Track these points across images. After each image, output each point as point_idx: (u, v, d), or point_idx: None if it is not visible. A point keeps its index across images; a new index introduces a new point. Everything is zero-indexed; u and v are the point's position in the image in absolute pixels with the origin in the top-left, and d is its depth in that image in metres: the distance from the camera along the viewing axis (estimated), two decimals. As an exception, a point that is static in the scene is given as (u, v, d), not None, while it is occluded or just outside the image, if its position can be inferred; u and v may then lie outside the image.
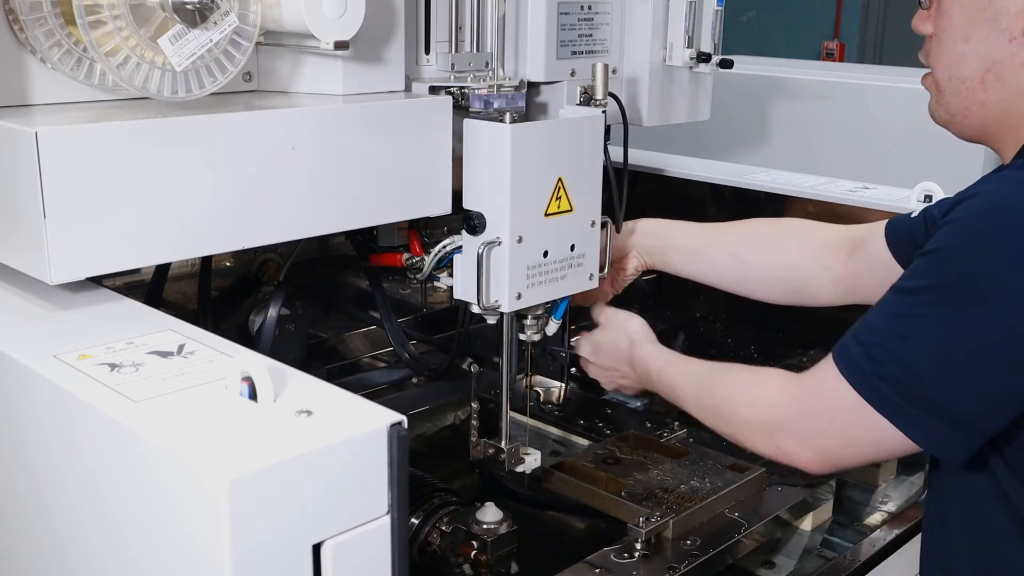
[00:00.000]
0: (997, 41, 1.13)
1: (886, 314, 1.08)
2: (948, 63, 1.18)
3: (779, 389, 1.18)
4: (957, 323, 1.03)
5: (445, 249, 1.35)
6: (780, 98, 2.58)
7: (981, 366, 1.02)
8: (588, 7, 1.50)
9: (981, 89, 1.15)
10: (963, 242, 1.04)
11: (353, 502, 0.78)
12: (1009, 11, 1.12)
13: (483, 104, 1.30)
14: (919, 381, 1.04)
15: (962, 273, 1.03)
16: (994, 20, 1.13)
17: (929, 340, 1.04)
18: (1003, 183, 1.06)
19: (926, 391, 1.04)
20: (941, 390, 1.04)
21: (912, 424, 1.05)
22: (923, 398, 1.04)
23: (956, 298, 1.03)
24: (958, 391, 1.03)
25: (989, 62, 1.14)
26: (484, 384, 1.59)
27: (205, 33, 1.05)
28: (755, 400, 1.21)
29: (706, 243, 1.58)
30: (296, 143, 1.11)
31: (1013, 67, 1.13)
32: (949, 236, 1.05)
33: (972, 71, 1.15)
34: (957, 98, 1.18)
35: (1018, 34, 1.12)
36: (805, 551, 1.54)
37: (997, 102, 1.15)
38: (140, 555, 0.82)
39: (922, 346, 1.04)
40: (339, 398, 0.85)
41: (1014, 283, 1.00)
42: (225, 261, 1.58)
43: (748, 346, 1.85)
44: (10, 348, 0.94)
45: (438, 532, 1.38)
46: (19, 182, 0.97)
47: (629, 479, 1.52)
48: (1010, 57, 1.13)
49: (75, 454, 0.87)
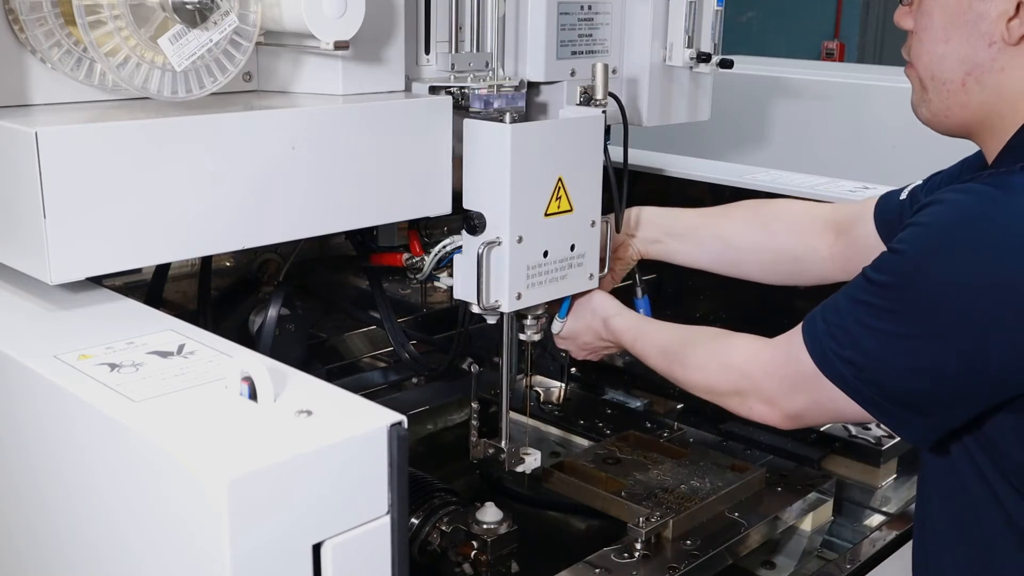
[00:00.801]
0: (977, 45, 1.12)
1: (850, 297, 1.10)
2: (929, 63, 1.17)
3: (750, 355, 1.22)
4: (906, 327, 1.05)
5: (445, 249, 1.35)
6: (780, 98, 2.58)
7: (931, 366, 1.05)
8: (588, 7, 1.50)
9: (962, 91, 1.14)
10: (918, 251, 1.05)
11: (353, 502, 0.78)
12: (990, 15, 1.10)
13: (483, 104, 1.30)
14: (874, 366, 1.07)
15: (913, 283, 1.05)
16: (974, 24, 1.11)
17: (884, 332, 1.06)
18: (967, 195, 1.05)
19: (879, 376, 1.07)
20: (894, 379, 1.07)
21: (869, 402, 1.09)
22: (877, 382, 1.07)
23: (907, 304, 1.05)
24: (910, 384, 1.06)
25: (970, 65, 1.13)
26: (484, 384, 1.59)
27: (205, 33, 1.05)
28: (726, 366, 1.24)
29: (696, 228, 1.59)
30: (296, 143, 1.11)
31: (993, 72, 1.12)
32: (910, 241, 1.06)
33: (952, 73, 1.14)
34: (939, 98, 1.17)
35: (998, 39, 1.10)
36: (805, 551, 1.54)
37: (978, 104, 1.14)
38: (140, 555, 0.82)
39: (876, 336, 1.06)
40: (339, 398, 0.85)
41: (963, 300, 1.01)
42: (225, 261, 1.58)
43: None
44: (10, 348, 0.94)
45: (438, 532, 1.38)
46: (19, 182, 0.97)
47: (629, 479, 1.52)
48: (990, 61, 1.11)
49: (75, 454, 0.87)
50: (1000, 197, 1.03)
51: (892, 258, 1.08)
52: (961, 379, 1.05)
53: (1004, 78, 1.12)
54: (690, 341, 1.32)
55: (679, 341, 1.33)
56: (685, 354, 1.30)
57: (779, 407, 1.19)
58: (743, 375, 1.22)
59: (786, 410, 1.18)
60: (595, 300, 1.45)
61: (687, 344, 1.32)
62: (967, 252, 1.02)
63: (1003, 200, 1.03)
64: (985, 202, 1.03)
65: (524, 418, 1.63)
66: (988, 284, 1.01)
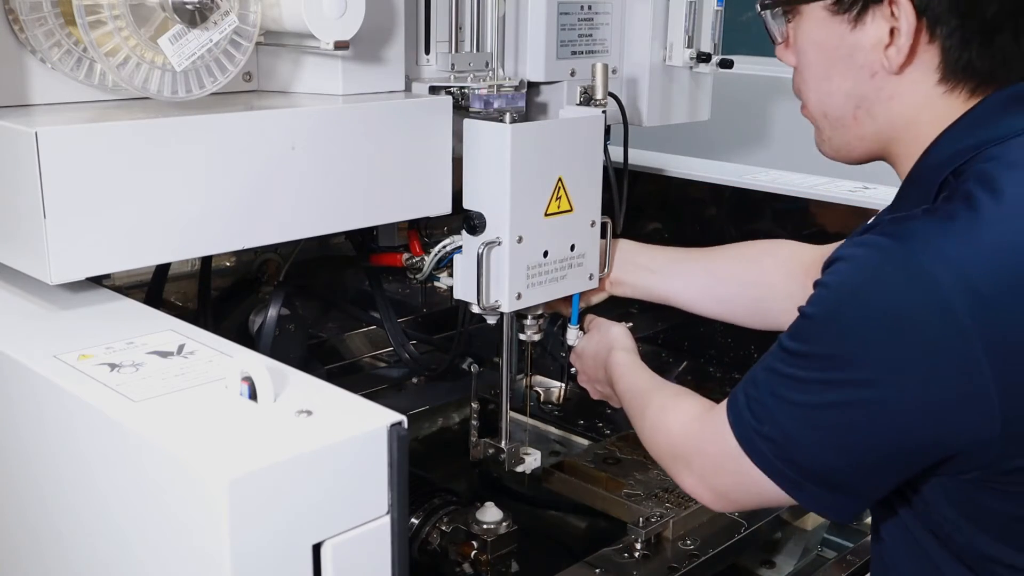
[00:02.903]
0: (859, 77, 1.06)
1: (768, 368, 1.03)
2: (817, 101, 1.12)
3: (686, 423, 1.15)
4: (824, 395, 0.98)
5: (445, 249, 1.35)
6: (780, 98, 2.58)
7: (848, 439, 0.98)
8: (588, 7, 1.50)
9: (855, 125, 1.09)
10: (828, 317, 0.99)
11: (353, 502, 0.78)
12: (863, 46, 1.05)
13: (483, 104, 1.30)
14: (792, 444, 1.00)
15: (827, 347, 0.98)
16: (850, 57, 1.06)
17: (799, 404, 0.99)
18: (867, 249, 0.98)
19: (798, 455, 1.00)
20: (814, 455, 1.00)
21: (788, 482, 1.02)
22: (794, 460, 1.00)
23: (823, 372, 0.98)
24: (828, 459, 0.99)
25: (857, 99, 1.08)
26: (484, 384, 1.59)
27: (205, 33, 1.05)
28: (667, 429, 1.18)
29: (677, 260, 1.51)
30: (296, 143, 1.11)
31: (881, 101, 1.06)
32: (819, 304, 1.00)
33: (842, 109, 1.09)
34: (837, 134, 1.12)
35: (879, 68, 1.05)
36: (805, 551, 1.54)
37: (874, 135, 1.09)
38: (140, 555, 0.82)
39: (793, 409, 1.00)
40: (339, 398, 0.85)
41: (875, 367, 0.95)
42: (225, 261, 1.58)
43: (748, 346, 1.85)
44: (10, 348, 0.94)
45: (438, 532, 1.38)
46: (19, 182, 0.97)
47: (629, 479, 1.52)
48: (876, 92, 1.06)
49: (75, 454, 0.87)
50: (899, 251, 0.95)
51: (802, 323, 1.01)
52: (877, 449, 0.98)
53: (895, 106, 1.06)
54: (649, 394, 1.26)
55: (644, 391, 1.27)
56: (642, 408, 1.25)
57: (707, 484, 1.11)
58: (676, 446, 1.16)
59: (714, 488, 1.10)
60: (613, 329, 1.41)
61: (646, 396, 1.26)
62: (870, 317, 0.95)
63: (902, 254, 0.95)
64: (883, 258, 0.96)
65: (524, 418, 1.63)
66: (893, 347, 0.94)
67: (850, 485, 1.02)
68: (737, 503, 1.13)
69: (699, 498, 1.14)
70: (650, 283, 1.50)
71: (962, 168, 1.01)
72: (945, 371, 0.93)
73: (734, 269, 1.48)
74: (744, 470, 1.04)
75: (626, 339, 1.40)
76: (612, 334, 1.41)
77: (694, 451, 1.12)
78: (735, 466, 1.05)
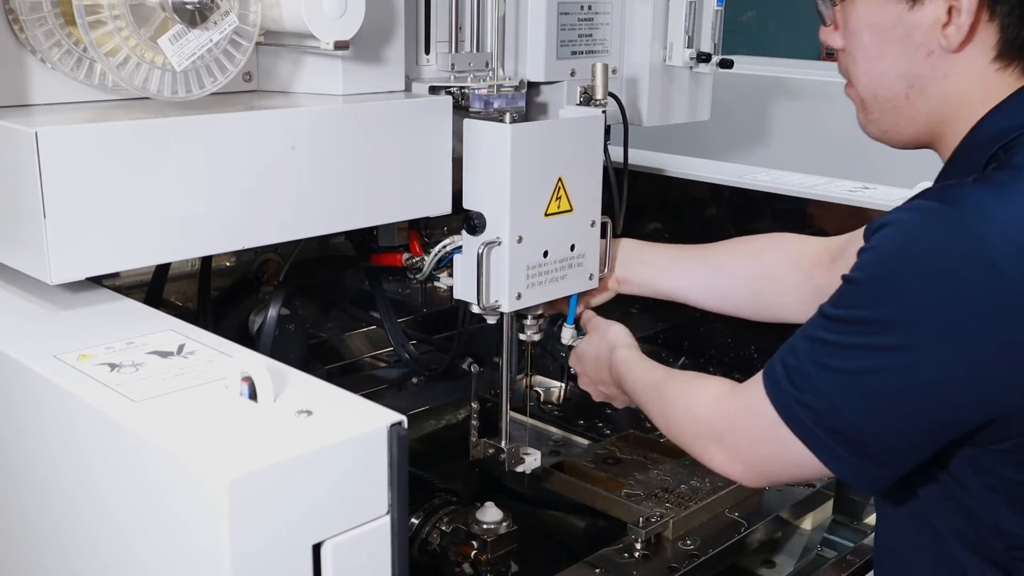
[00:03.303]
0: (915, 57, 1.07)
1: (809, 337, 1.04)
2: (868, 83, 1.12)
3: (713, 401, 1.15)
4: (869, 360, 0.99)
5: (445, 249, 1.35)
6: (780, 98, 2.58)
7: (892, 404, 0.99)
8: (588, 7, 1.50)
9: (908, 105, 1.10)
10: (876, 279, 1.00)
11: (353, 502, 0.78)
12: (922, 25, 1.06)
13: (483, 104, 1.30)
14: (832, 410, 1.01)
15: (875, 311, 0.99)
16: (907, 37, 1.07)
17: (843, 371, 1.00)
18: (913, 213, 1.00)
19: (838, 421, 1.01)
20: (853, 422, 1.00)
21: (826, 451, 1.02)
22: (836, 428, 1.01)
23: (869, 336, 0.99)
24: (869, 425, 1.00)
25: (911, 78, 1.08)
26: (484, 384, 1.59)
27: (205, 33, 1.05)
28: (693, 411, 1.18)
29: (681, 257, 1.52)
30: (296, 143, 1.11)
31: (936, 81, 1.07)
32: (866, 268, 1.01)
33: (894, 89, 1.10)
34: (886, 115, 1.13)
35: (936, 47, 1.06)
36: (805, 551, 1.54)
37: (926, 116, 1.10)
38: (140, 555, 0.82)
39: (836, 376, 1.01)
40: (339, 398, 0.85)
41: (922, 328, 0.96)
42: (225, 261, 1.58)
43: (748, 346, 1.85)
44: (10, 348, 0.94)
45: (438, 532, 1.38)
46: (19, 182, 0.97)
47: (629, 479, 1.52)
48: (931, 71, 1.07)
49: (75, 454, 0.87)
50: (948, 213, 0.98)
51: (846, 289, 1.02)
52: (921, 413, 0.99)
53: (948, 85, 1.07)
54: (666, 382, 1.26)
55: (659, 380, 1.28)
56: (660, 396, 1.25)
57: (740, 459, 1.11)
58: (705, 423, 1.15)
59: (748, 463, 1.11)
60: (613, 328, 1.41)
61: (662, 385, 1.26)
62: (917, 276, 0.97)
63: (951, 216, 0.97)
64: (932, 220, 0.98)
65: (524, 418, 1.63)
66: (940, 307, 0.96)
67: (890, 453, 1.02)
68: (771, 477, 1.13)
69: (730, 475, 1.14)
70: (654, 280, 1.50)
71: (1011, 143, 1.03)
72: (991, 329, 0.95)
73: (738, 263, 1.48)
74: (782, 441, 1.04)
75: (626, 336, 1.40)
76: (612, 333, 1.41)
77: (727, 427, 1.12)
78: (773, 436, 1.05)
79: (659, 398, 1.26)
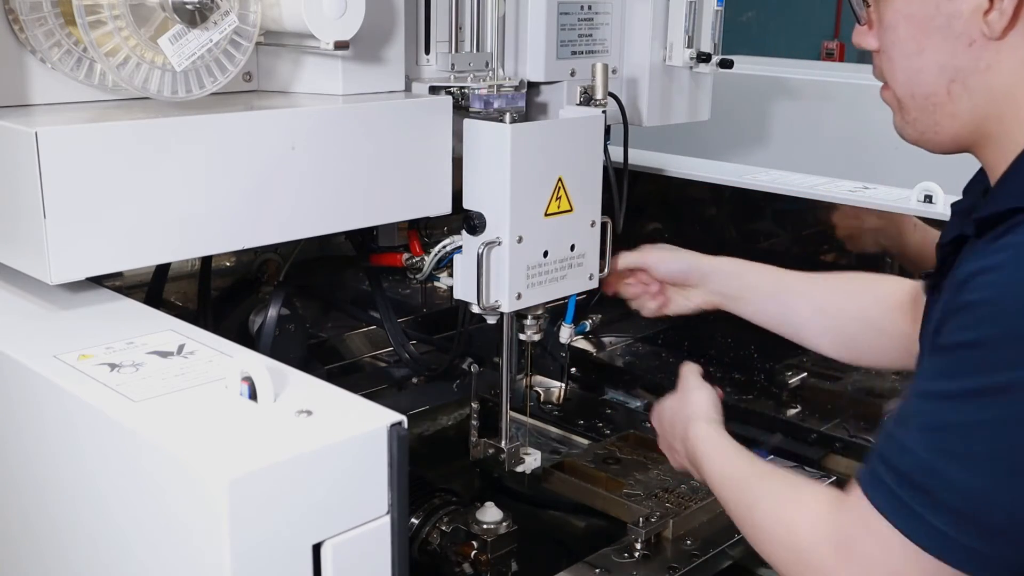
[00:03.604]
0: (956, 48, 1.00)
1: (921, 428, 0.90)
2: (906, 80, 1.05)
3: (815, 521, 1.00)
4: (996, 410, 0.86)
5: (445, 249, 1.35)
6: (780, 98, 2.58)
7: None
8: (588, 7, 1.50)
9: (949, 101, 1.02)
10: (1006, 330, 0.87)
11: (353, 502, 0.78)
12: (962, 13, 0.98)
13: (483, 104, 1.30)
14: (984, 507, 0.86)
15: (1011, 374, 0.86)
16: (947, 27, 0.99)
17: (990, 454, 0.86)
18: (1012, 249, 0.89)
19: (994, 519, 0.86)
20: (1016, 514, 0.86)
21: (985, 565, 0.87)
22: (993, 528, 0.86)
23: (1013, 405, 0.86)
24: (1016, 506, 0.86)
25: (952, 72, 1.01)
26: (484, 384, 1.59)
27: (205, 33, 1.05)
28: (790, 529, 1.02)
29: (786, 290, 1.46)
30: (296, 143, 1.11)
31: (978, 72, 1.00)
32: (982, 324, 0.88)
33: (934, 85, 1.02)
34: (924, 115, 1.05)
35: (977, 36, 0.98)
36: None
37: (968, 111, 1.02)
38: (140, 555, 0.82)
39: (981, 463, 0.86)
40: (339, 398, 0.85)
41: None
42: (225, 261, 1.58)
43: (748, 346, 1.85)
44: (10, 348, 0.94)
45: (438, 532, 1.39)
46: (19, 182, 0.97)
47: (629, 479, 1.52)
48: (974, 62, 0.99)
49: (75, 454, 0.87)
50: None
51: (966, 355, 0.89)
52: None
53: (992, 76, 0.99)
54: (760, 481, 1.11)
55: (749, 478, 1.13)
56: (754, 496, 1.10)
57: None
58: (807, 541, 1.00)
59: None
60: (696, 395, 1.30)
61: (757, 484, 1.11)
62: None
63: None
64: None
65: (524, 418, 1.63)
66: None
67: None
68: None
69: None
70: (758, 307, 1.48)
71: None
72: None
73: (838, 302, 1.44)
74: (907, 570, 0.90)
75: (709, 407, 1.28)
76: (694, 400, 1.29)
77: (829, 555, 0.97)
78: (892, 569, 0.91)
79: (747, 506, 1.12)
